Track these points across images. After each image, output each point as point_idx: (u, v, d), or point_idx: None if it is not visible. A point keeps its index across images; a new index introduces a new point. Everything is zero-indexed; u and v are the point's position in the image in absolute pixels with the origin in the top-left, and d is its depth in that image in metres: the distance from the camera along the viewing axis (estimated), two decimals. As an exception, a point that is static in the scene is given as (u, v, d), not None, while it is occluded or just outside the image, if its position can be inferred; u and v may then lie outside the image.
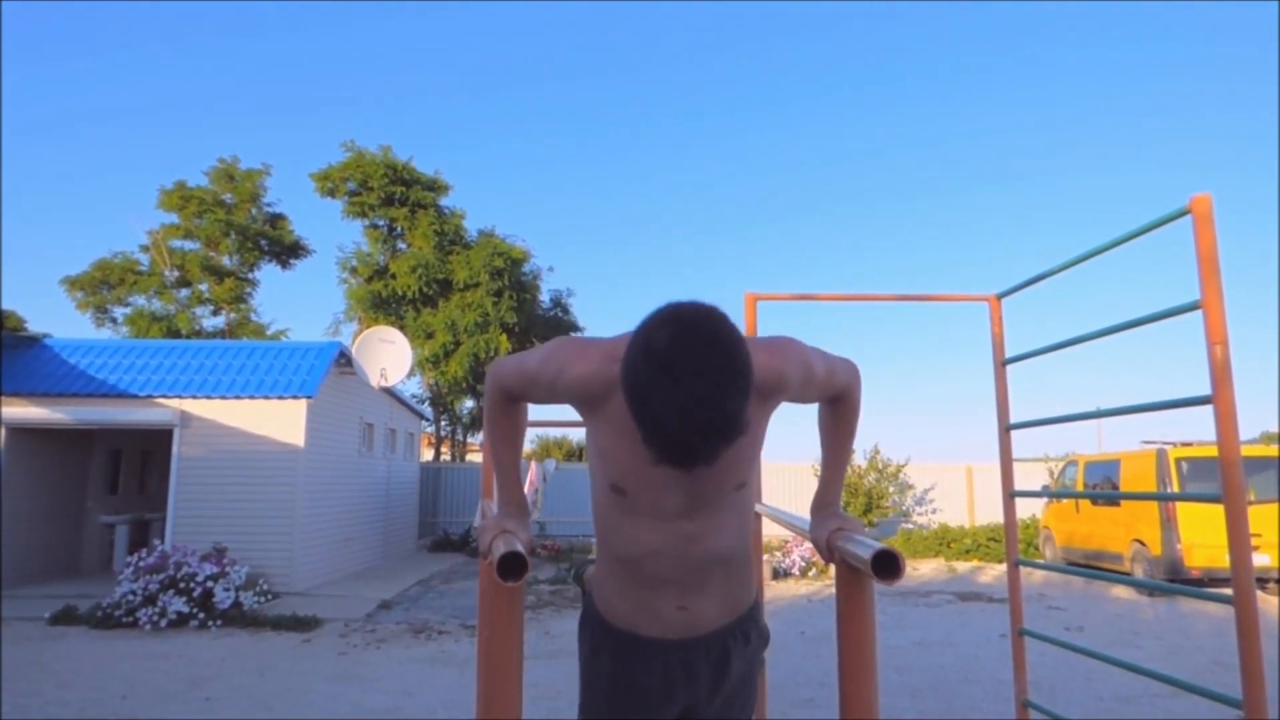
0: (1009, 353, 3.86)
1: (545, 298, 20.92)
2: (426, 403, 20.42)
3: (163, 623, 7.84)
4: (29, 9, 30.93)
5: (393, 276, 19.15)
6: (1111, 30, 41.45)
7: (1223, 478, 2.46)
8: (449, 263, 19.23)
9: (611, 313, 38.84)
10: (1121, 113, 42.11)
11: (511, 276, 19.06)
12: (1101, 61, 42.08)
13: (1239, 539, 2.38)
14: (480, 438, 19.28)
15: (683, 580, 1.58)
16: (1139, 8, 40.82)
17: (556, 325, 20.38)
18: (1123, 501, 11.04)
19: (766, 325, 4.36)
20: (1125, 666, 3.17)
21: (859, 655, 1.48)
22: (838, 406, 1.73)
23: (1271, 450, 10.63)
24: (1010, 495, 3.82)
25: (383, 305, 19.30)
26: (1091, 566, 11.18)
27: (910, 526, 16.86)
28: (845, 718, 1.48)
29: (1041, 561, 10.24)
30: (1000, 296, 3.86)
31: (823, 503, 1.76)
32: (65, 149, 36.29)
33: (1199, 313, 2.56)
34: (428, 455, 21.27)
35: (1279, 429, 22.28)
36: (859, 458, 16.25)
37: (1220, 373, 2.47)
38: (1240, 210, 37.79)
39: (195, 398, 10.28)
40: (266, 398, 10.33)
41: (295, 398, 10.34)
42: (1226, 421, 2.46)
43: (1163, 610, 9.04)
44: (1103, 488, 11.50)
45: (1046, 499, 13.64)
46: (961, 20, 41.94)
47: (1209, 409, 2.50)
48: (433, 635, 7.76)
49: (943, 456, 28.59)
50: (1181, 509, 9.81)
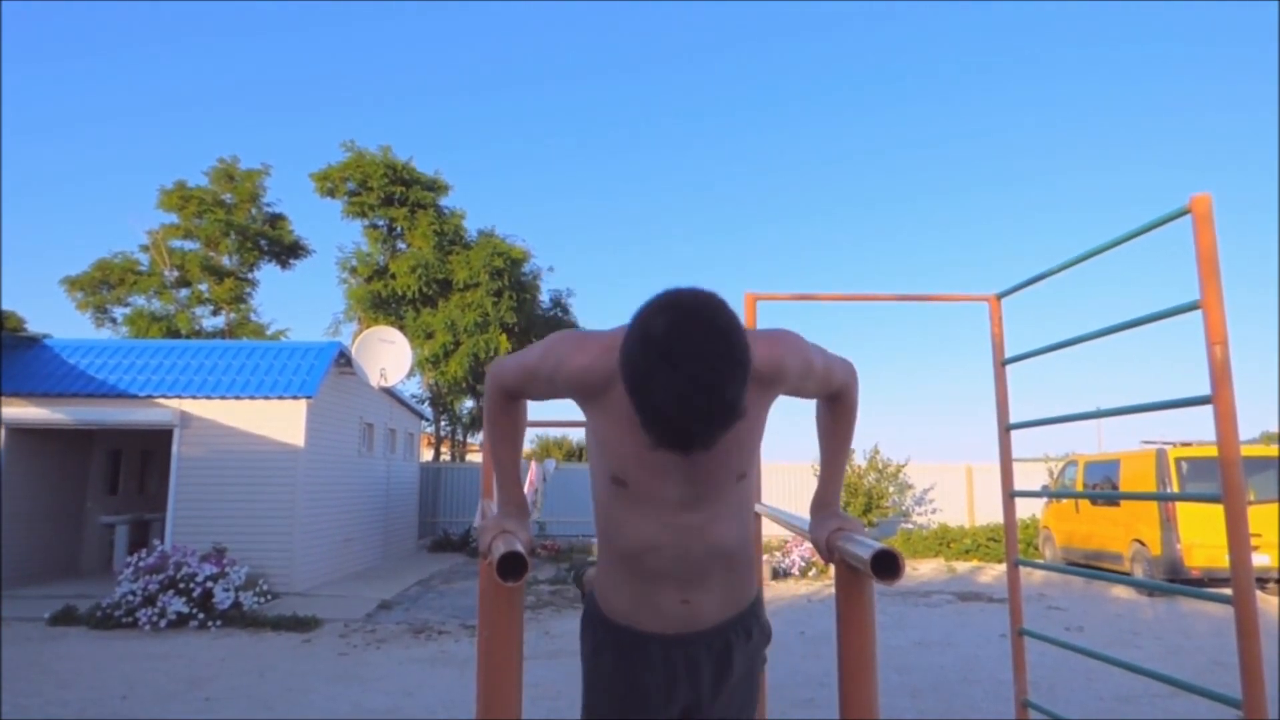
0: (1009, 353, 3.86)
1: (545, 298, 20.94)
2: (426, 403, 20.43)
3: (162, 623, 7.84)
4: (29, 9, 30.96)
5: (392, 276, 19.16)
6: (1111, 30, 41.52)
7: (1223, 478, 2.46)
8: (449, 263, 19.23)
9: (611, 313, 38.82)
10: (1121, 113, 42.20)
11: (511, 276, 19.07)
12: (1101, 61, 42.16)
13: (1239, 539, 2.38)
14: (480, 438, 19.27)
15: (684, 574, 1.58)
16: (1139, 8, 40.88)
17: (556, 325, 20.36)
18: (1122, 501, 11.04)
19: (766, 325, 4.35)
20: (1125, 666, 3.17)
21: (859, 655, 1.48)
22: (835, 405, 1.74)
23: (1271, 450, 10.63)
24: (1010, 495, 3.82)
25: (383, 305, 19.31)
26: (1091, 566, 11.18)
27: (910, 526, 16.85)
28: (845, 718, 1.48)
29: (1041, 561, 10.24)
30: (1000, 296, 3.86)
31: (822, 502, 1.76)
32: (65, 149, 36.37)
33: (1199, 313, 2.55)
34: (428, 455, 21.27)
35: (1279, 429, 22.29)
36: (859, 458, 16.25)
37: (1220, 373, 2.47)
38: (1240, 210, 37.85)
39: (195, 398, 10.28)
40: (266, 398, 10.34)
41: (295, 398, 10.35)
42: (1226, 421, 2.46)
43: (1163, 610, 9.04)
44: (1103, 488, 11.50)
45: (1046, 499, 13.64)
46: (961, 20, 42.00)
47: (1209, 409, 2.50)
48: (433, 635, 7.76)
49: (943, 456, 28.62)
50: (1181, 509, 9.81)
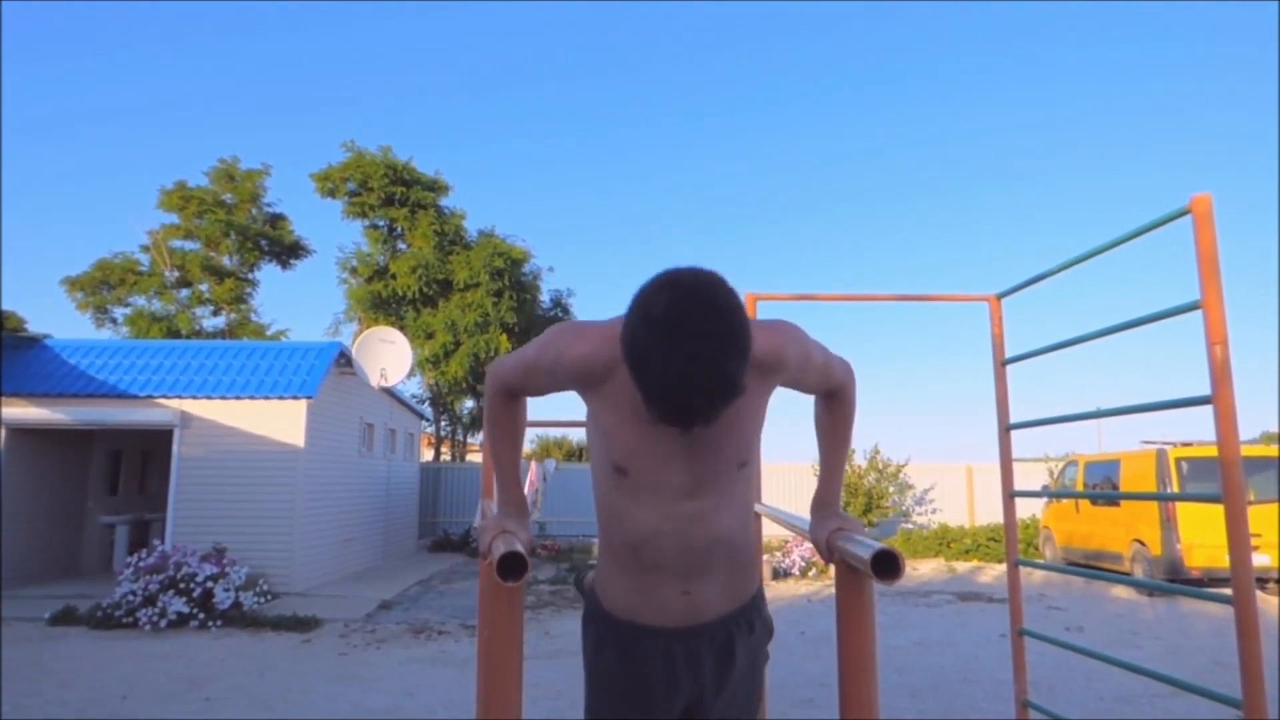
0: (1009, 353, 3.86)
1: (545, 298, 20.95)
2: (426, 403, 20.43)
3: (163, 623, 7.84)
4: (29, 9, 30.96)
5: (393, 277, 19.16)
6: (1111, 30, 41.50)
7: (1223, 478, 2.45)
8: (449, 263, 19.23)
9: (611, 313, 38.48)
10: (1121, 113, 42.17)
11: (511, 276, 19.07)
12: (1101, 61, 42.14)
13: (1239, 539, 2.38)
14: (480, 438, 19.27)
15: (686, 564, 1.58)
16: (1139, 8, 40.87)
17: (556, 325, 20.37)
18: (1123, 501, 11.04)
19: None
20: (1125, 666, 3.17)
21: (859, 655, 1.48)
22: (834, 404, 1.75)
23: (1271, 450, 10.63)
24: (1010, 495, 3.82)
25: (383, 305, 19.31)
26: (1091, 566, 11.18)
27: (910, 526, 16.85)
28: (845, 718, 1.48)
29: (1041, 561, 10.24)
30: (1000, 296, 3.86)
31: (822, 502, 1.76)
32: (65, 149, 36.36)
33: (1199, 313, 2.55)
34: (428, 455, 21.27)
35: (1279, 429, 22.29)
36: (859, 458, 16.25)
37: (1220, 373, 2.47)
38: (1240, 210, 37.85)
39: (195, 398, 10.28)
40: (266, 398, 10.34)
41: (295, 398, 10.35)
42: (1226, 421, 2.46)
43: (1163, 610, 9.04)
44: (1103, 488, 11.50)
45: (1046, 499, 13.64)
46: (961, 20, 41.99)
47: (1209, 409, 2.50)
48: (433, 635, 7.76)
49: (943, 456, 28.62)
50: (1181, 509, 9.81)
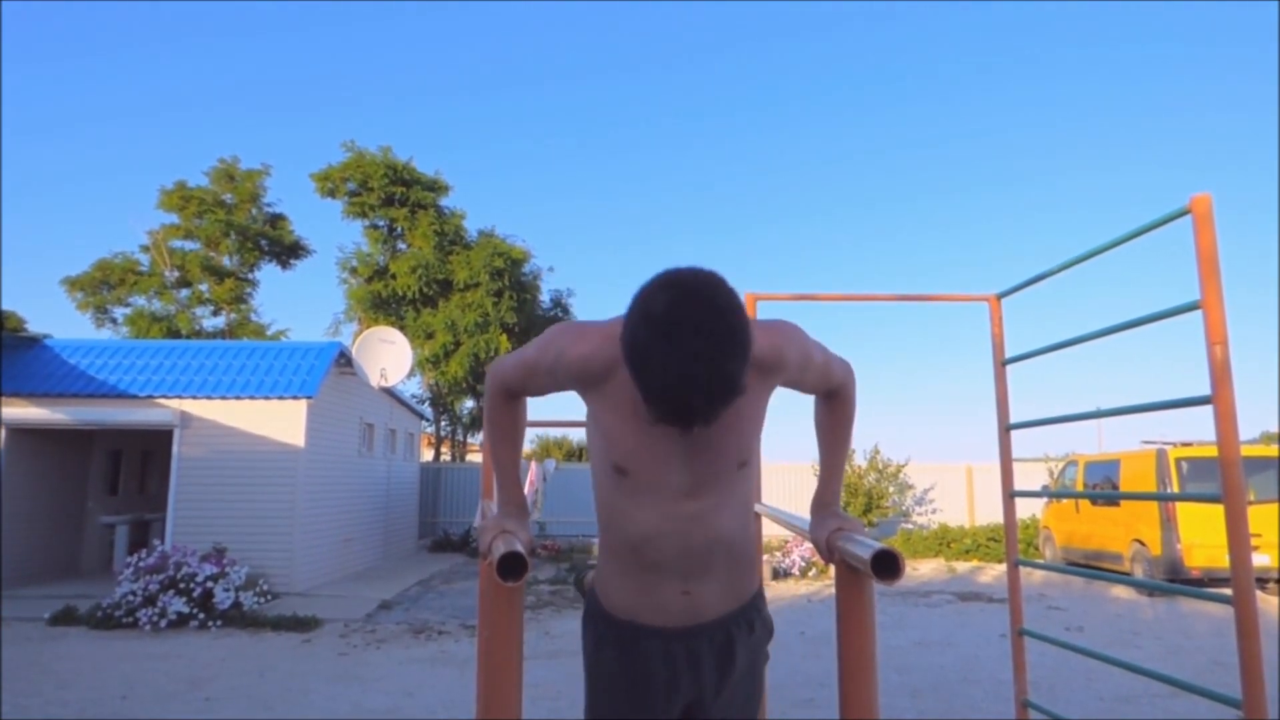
0: (1009, 353, 3.86)
1: (545, 298, 20.96)
2: (426, 403, 20.43)
3: (163, 623, 7.84)
4: (29, 9, 30.96)
5: (393, 277, 19.16)
6: (1111, 30, 41.50)
7: (1223, 478, 2.45)
8: (449, 263, 19.23)
9: (611, 313, 38.50)
10: (1121, 113, 42.16)
11: (512, 276, 19.07)
12: (1101, 61, 42.13)
13: (1239, 539, 2.38)
14: (480, 438, 19.27)
15: (686, 564, 1.58)
16: (1139, 8, 40.87)
17: (556, 325, 20.38)
18: (1123, 501, 11.04)
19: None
20: (1125, 666, 3.17)
21: (859, 655, 1.48)
22: (833, 404, 1.75)
23: (1271, 450, 10.63)
24: (1010, 495, 3.82)
25: (383, 305, 19.31)
26: (1091, 566, 11.18)
27: (910, 526, 16.85)
28: (845, 718, 1.48)
29: (1041, 561, 10.24)
30: (1000, 296, 3.86)
31: (822, 502, 1.76)
32: (65, 149, 36.37)
33: (1199, 313, 2.55)
34: (428, 455, 21.27)
35: (1279, 429, 22.30)
36: (859, 458, 16.25)
37: (1220, 373, 2.47)
38: (1240, 210, 37.84)
39: (195, 398, 10.28)
40: (266, 398, 10.34)
41: (295, 398, 10.35)
42: (1226, 421, 2.46)
43: (1163, 610, 9.04)
44: (1103, 488, 11.50)
45: (1046, 499, 13.64)
46: (961, 20, 41.99)
47: (1209, 409, 2.50)
48: (433, 635, 7.76)
49: (943, 456, 28.61)
50: (1181, 509, 9.81)
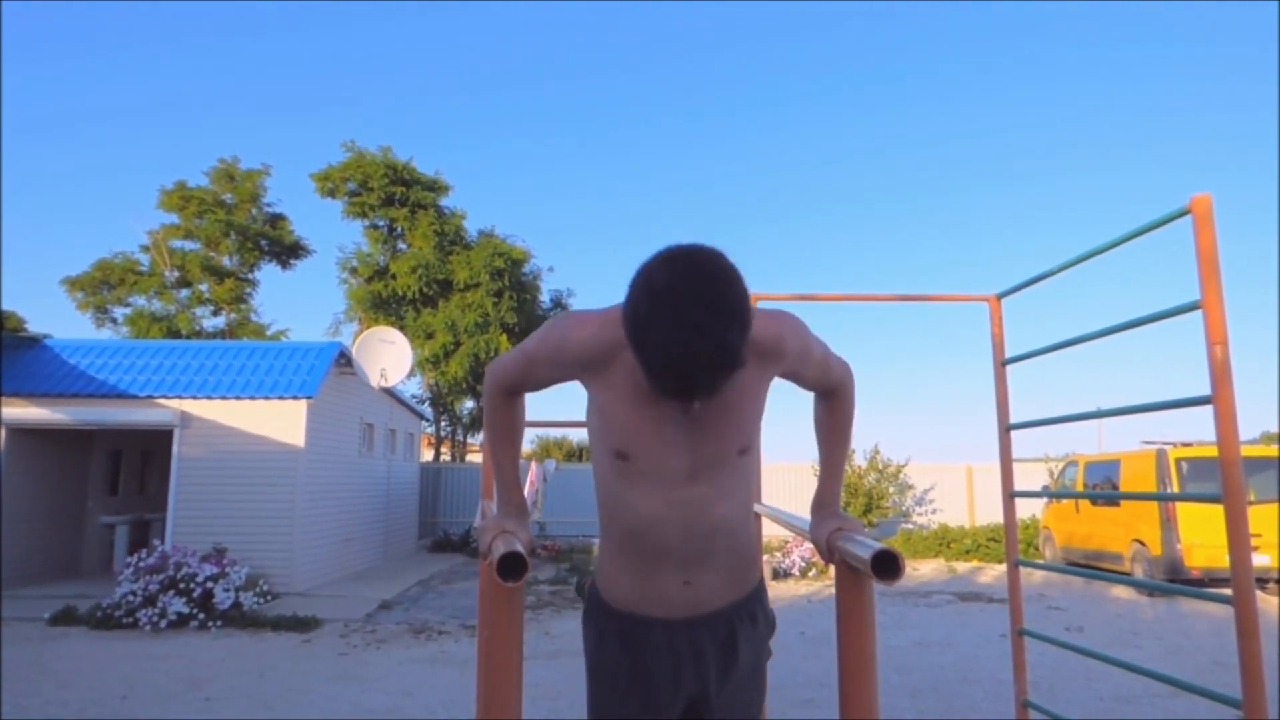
0: (1009, 353, 3.86)
1: (545, 298, 20.95)
2: (426, 403, 20.43)
3: (163, 623, 7.84)
4: (29, 9, 30.96)
5: (393, 277, 19.16)
6: (1111, 30, 41.49)
7: (1223, 478, 2.45)
8: (449, 263, 19.24)
9: (611, 313, 38.66)
10: (1121, 113, 42.14)
11: (512, 277, 19.07)
12: (1101, 61, 42.12)
13: (1239, 539, 2.38)
14: (480, 438, 19.27)
15: (687, 551, 1.58)
16: (1139, 8, 40.86)
17: (556, 325, 20.37)
18: (1123, 501, 11.04)
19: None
20: (1125, 666, 3.17)
21: (859, 655, 1.48)
22: (833, 404, 1.76)
23: (1271, 450, 10.62)
24: (1010, 495, 3.82)
25: (383, 305, 19.31)
26: (1091, 566, 11.18)
27: (910, 527, 16.84)
28: (845, 718, 1.48)
29: (1041, 562, 10.24)
30: (1000, 296, 3.86)
31: (822, 502, 1.77)
32: (65, 149, 36.35)
33: (1199, 313, 2.55)
34: (428, 455, 21.27)
35: (1279, 429, 22.30)
36: (859, 458, 16.25)
37: (1220, 373, 2.47)
38: (1240, 210, 37.82)
39: (195, 398, 10.28)
40: (267, 398, 10.34)
41: (295, 398, 10.35)
42: (1226, 421, 2.46)
43: (1163, 610, 9.04)
44: (1103, 488, 11.50)
45: (1046, 499, 13.64)
46: (961, 20, 41.97)
47: (1209, 409, 2.50)
48: (433, 635, 7.76)
49: (943, 456, 28.59)
50: (1181, 509, 9.80)
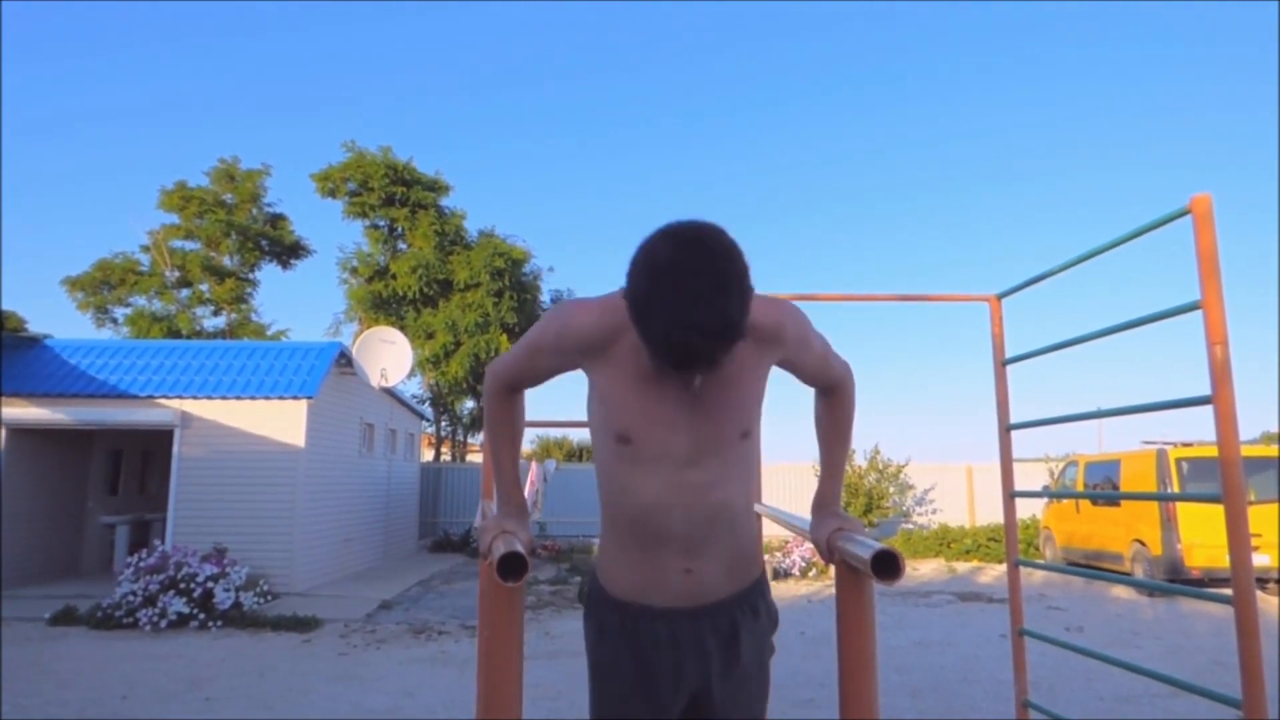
0: (1009, 353, 3.86)
1: (546, 298, 20.95)
2: (427, 403, 20.42)
3: (163, 623, 7.84)
4: (29, 9, 30.96)
5: (393, 277, 19.16)
6: (1111, 30, 41.48)
7: (1223, 478, 2.45)
8: (449, 263, 19.23)
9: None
10: (1121, 113, 42.13)
11: (512, 277, 19.07)
12: (1101, 61, 42.11)
13: (1239, 539, 2.38)
14: (480, 438, 19.27)
15: (689, 536, 1.57)
16: (1139, 8, 40.85)
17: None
18: (1123, 501, 11.04)
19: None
20: (1125, 666, 3.17)
21: (859, 655, 1.48)
22: (833, 403, 1.76)
23: (1271, 450, 10.62)
24: (1010, 495, 3.82)
25: (383, 305, 19.31)
26: (1091, 566, 11.18)
27: (910, 527, 16.84)
28: (845, 718, 1.48)
29: (1041, 562, 10.23)
30: (1000, 297, 3.86)
31: (822, 503, 1.77)
32: (65, 149, 36.33)
33: (1199, 313, 2.55)
34: (428, 455, 21.27)
35: (1279, 429, 22.29)
36: (859, 458, 16.25)
37: (1220, 373, 2.47)
38: (1240, 210, 37.82)
39: (196, 398, 10.28)
40: (267, 398, 10.34)
41: (296, 398, 10.35)
42: (1226, 421, 2.46)
43: (1163, 610, 9.03)
44: (1103, 488, 11.50)
45: (1047, 499, 13.63)
46: (961, 20, 41.96)
47: (1209, 409, 2.50)
48: (433, 635, 7.76)
49: (943, 456, 28.62)
50: (1181, 509, 9.80)
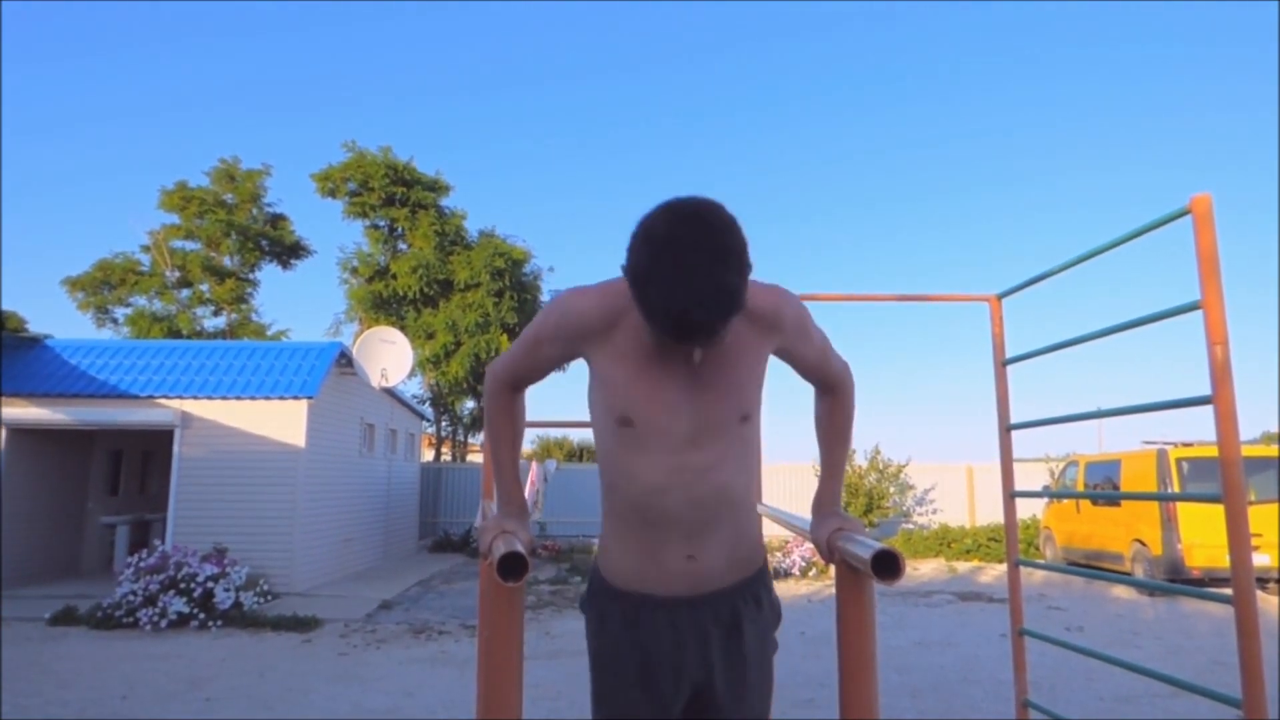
0: (1009, 353, 3.86)
1: (545, 298, 20.94)
2: (427, 403, 20.41)
3: (163, 623, 7.84)
4: (29, 9, 30.97)
5: (393, 277, 19.16)
6: (1111, 30, 41.49)
7: (1223, 478, 2.46)
8: (450, 263, 19.23)
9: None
10: (1121, 113, 42.16)
11: (512, 277, 19.08)
12: (1101, 61, 42.13)
13: (1239, 539, 2.38)
14: (480, 438, 19.27)
15: (690, 521, 1.57)
16: (1139, 8, 40.86)
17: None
18: (1123, 501, 11.04)
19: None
20: (1125, 666, 3.17)
21: (859, 655, 1.48)
22: (833, 401, 1.77)
23: (1271, 450, 10.62)
24: (1010, 495, 3.82)
25: (383, 305, 19.31)
26: (1092, 566, 11.18)
27: (911, 527, 16.84)
28: (845, 718, 1.48)
29: (1042, 561, 10.23)
30: (1000, 296, 3.86)
31: (823, 503, 1.77)
32: (65, 149, 36.35)
33: (1199, 313, 2.55)
34: (428, 456, 21.27)
35: (1279, 429, 22.29)
36: (860, 458, 16.25)
37: (1220, 373, 2.47)
38: (1240, 210, 37.84)
39: (196, 398, 10.28)
40: (267, 398, 10.34)
41: (296, 398, 10.35)
42: (1226, 421, 2.46)
43: (1163, 610, 9.03)
44: (1103, 488, 11.50)
45: (1047, 499, 13.63)
46: (961, 20, 41.98)
47: (1209, 409, 2.50)
48: (433, 635, 7.76)
49: (943, 456, 28.60)
50: (1182, 509, 9.80)
